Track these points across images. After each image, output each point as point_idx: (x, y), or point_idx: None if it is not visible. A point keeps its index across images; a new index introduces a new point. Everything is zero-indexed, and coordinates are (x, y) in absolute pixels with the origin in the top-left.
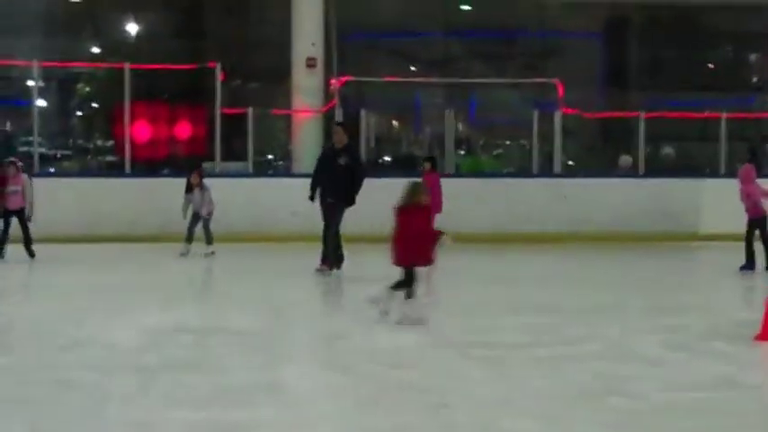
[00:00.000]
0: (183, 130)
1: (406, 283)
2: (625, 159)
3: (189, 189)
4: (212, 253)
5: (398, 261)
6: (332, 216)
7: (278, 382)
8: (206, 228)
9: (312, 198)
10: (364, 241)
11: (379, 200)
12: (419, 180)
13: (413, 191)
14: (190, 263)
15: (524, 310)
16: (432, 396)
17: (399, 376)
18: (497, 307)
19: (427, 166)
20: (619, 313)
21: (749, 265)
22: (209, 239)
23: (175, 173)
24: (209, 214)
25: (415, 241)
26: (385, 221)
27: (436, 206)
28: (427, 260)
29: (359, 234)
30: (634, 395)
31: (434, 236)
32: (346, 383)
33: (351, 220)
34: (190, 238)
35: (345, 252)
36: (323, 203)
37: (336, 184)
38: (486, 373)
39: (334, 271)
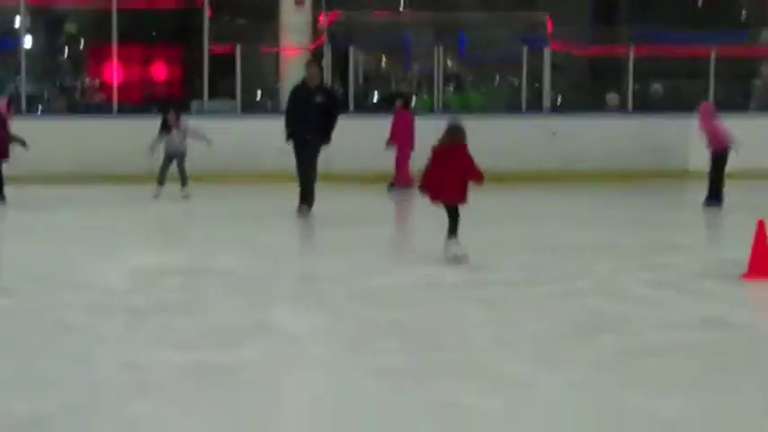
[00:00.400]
0: (160, 71)
1: (451, 220)
2: (612, 97)
3: (165, 129)
4: (187, 195)
5: (439, 198)
6: (313, 155)
7: (265, 324)
8: (182, 169)
9: (290, 137)
10: (353, 180)
11: (367, 137)
12: (457, 119)
13: (452, 131)
14: (174, 204)
15: (515, 248)
16: (424, 337)
17: (390, 317)
18: (491, 246)
19: (399, 103)
20: (610, 251)
21: (716, 200)
22: (184, 181)
23: (160, 112)
24: (183, 155)
25: (453, 180)
26: (372, 159)
27: (409, 144)
28: (464, 198)
29: (347, 172)
30: (625, 333)
31: (476, 175)
32: (335, 324)
33: (338, 158)
34: (162, 180)
35: (330, 190)
36: (300, 143)
37: (314, 122)
38: (478, 312)
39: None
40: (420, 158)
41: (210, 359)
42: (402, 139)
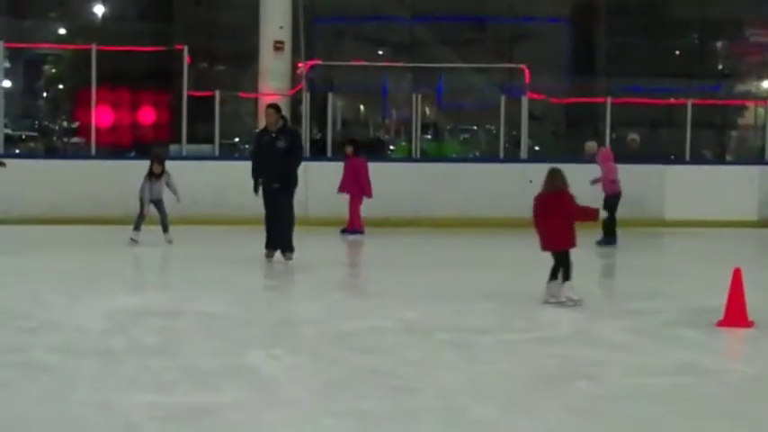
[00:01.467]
0: (147, 115)
1: (562, 266)
2: (590, 146)
3: (152, 176)
4: (171, 240)
5: (548, 246)
6: (283, 201)
7: (244, 366)
8: (163, 214)
9: (256, 189)
10: (330, 224)
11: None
12: (556, 166)
13: (551, 177)
14: (153, 247)
15: (492, 294)
16: (397, 380)
17: (366, 361)
18: (465, 292)
19: (349, 149)
20: (586, 299)
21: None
22: (166, 226)
23: (141, 156)
24: (161, 200)
25: (560, 226)
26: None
27: (360, 191)
28: (572, 242)
29: (325, 217)
30: (599, 380)
31: (580, 215)
32: (313, 367)
33: (315, 203)
34: (139, 226)
35: (307, 235)
36: (265, 191)
37: (278, 168)
38: (453, 357)
39: (289, 262)
40: (382, 202)
41: (187, 401)
42: (352, 186)
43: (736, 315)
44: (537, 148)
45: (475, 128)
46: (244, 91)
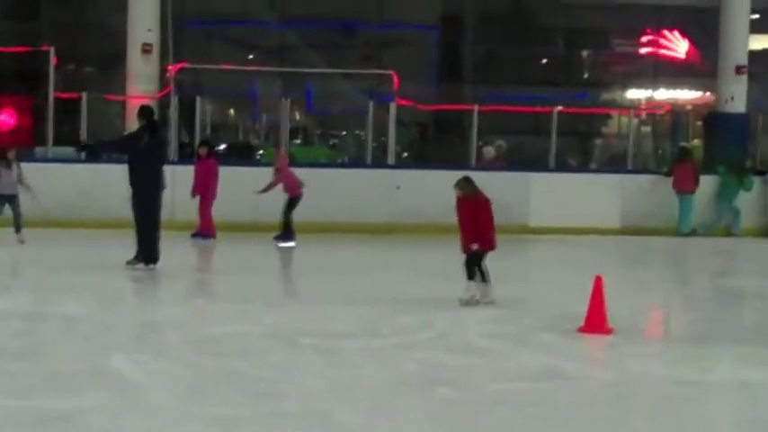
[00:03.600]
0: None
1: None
2: (488, 150)
3: (4, 162)
4: (23, 240)
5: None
6: (155, 204)
7: (106, 371)
8: (17, 213)
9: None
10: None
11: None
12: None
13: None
14: (15, 249)
15: (359, 299)
16: (261, 385)
17: (230, 366)
18: (332, 297)
19: (203, 151)
20: (450, 304)
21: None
22: (19, 225)
23: None
24: (17, 197)
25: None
26: (217, 208)
27: (212, 193)
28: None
29: (191, 221)
30: (461, 386)
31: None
32: (174, 372)
33: (182, 208)
34: (19, 226)
35: (173, 239)
36: (143, 193)
37: (157, 170)
38: (316, 362)
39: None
40: (251, 206)
41: (47, 406)
42: (205, 187)
43: (596, 322)
44: (405, 154)
45: (343, 133)
46: (112, 93)
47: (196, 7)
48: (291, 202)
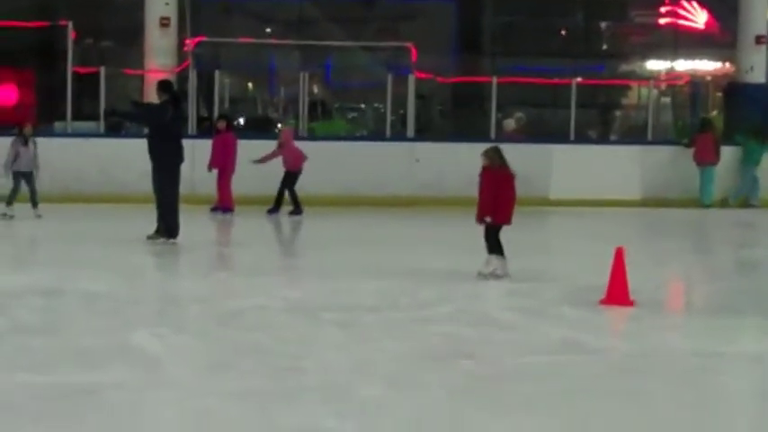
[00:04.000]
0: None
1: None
2: (508, 122)
3: (22, 139)
4: (40, 215)
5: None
6: (177, 178)
7: (128, 346)
8: (33, 188)
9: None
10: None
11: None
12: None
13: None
14: (35, 224)
15: (379, 273)
16: (282, 359)
17: (251, 340)
18: (352, 270)
19: (221, 124)
20: (471, 277)
21: (275, 209)
22: (36, 201)
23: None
24: (33, 174)
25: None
26: (237, 182)
27: (231, 167)
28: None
29: (211, 195)
30: (483, 359)
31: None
32: (197, 346)
33: (203, 181)
34: (12, 200)
35: (194, 213)
36: (165, 166)
37: (179, 143)
38: (338, 336)
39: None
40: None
41: (68, 381)
42: (221, 161)
43: (618, 294)
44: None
45: (362, 106)
46: (130, 68)
47: None
48: (289, 176)
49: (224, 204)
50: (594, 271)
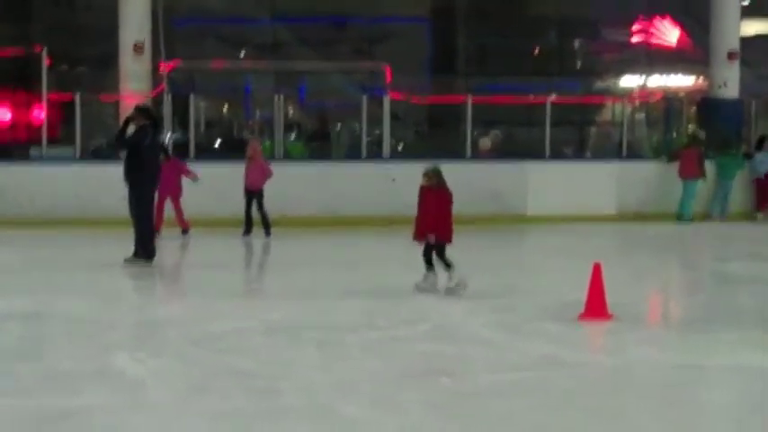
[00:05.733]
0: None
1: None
2: (484, 141)
3: None
4: None
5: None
6: (153, 201)
7: (108, 369)
8: None
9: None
10: (196, 225)
11: (208, 183)
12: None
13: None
14: (15, 249)
15: (357, 292)
16: (264, 381)
17: (231, 362)
18: (330, 290)
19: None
20: (449, 295)
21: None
22: None
23: None
24: None
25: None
26: (214, 204)
27: (175, 191)
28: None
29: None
30: (462, 376)
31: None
32: (176, 369)
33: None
34: None
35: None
36: (144, 190)
37: (157, 168)
38: (318, 356)
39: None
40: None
41: (51, 405)
42: (174, 187)
43: (596, 308)
44: (400, 147)
45: (338, 127)
46: (105, 93)
47: (186, 5)
48: (251, 196)
49: (183, 225)
50: (573, 286)
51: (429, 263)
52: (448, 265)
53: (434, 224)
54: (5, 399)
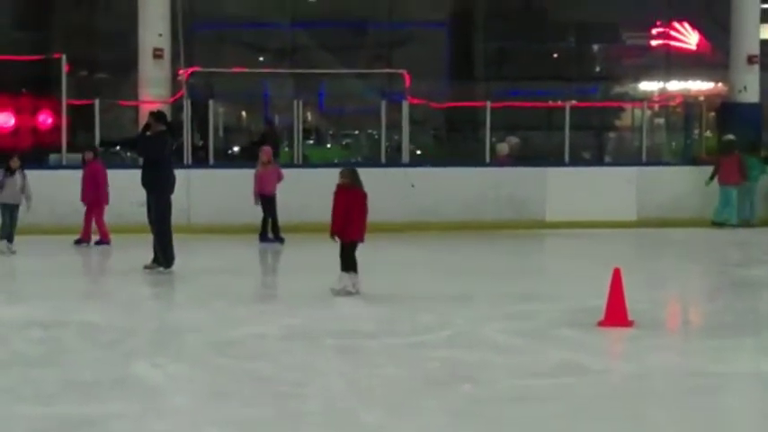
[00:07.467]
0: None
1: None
2: (502, 147)
3: (8, 171)
4: (15, 251)
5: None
6: (170, 207)
7: (128, 376)
8: (15, 221)
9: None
10: (214, 231)
11: (227, 189)
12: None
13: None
14: (31, 257)
15: (376, 299)
16: (284, 387)
17: (250, 368)
18: (347, 297)
19: (89, 155)
20: (468, 301)
21: (264, 236)
22: (12, 235)
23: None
24: (18, 206)
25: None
26: (233, 211)
27: (98, 199)
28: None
29: (208, 224)
30: (482, 382)
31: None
32: (197, 376)
33: (199, 210)
34: (5, 234)
35: (191, 242)
36: (164, 196)
37: (173, 173)
38: (339, 362)
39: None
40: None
41: (69, 412)
42: (91, 194)
43: (616, 315)
44: (419, 152)
45: (356, 133)
46: (124, 99)
47: (206, 11)
48: (265, 202)
49: (103, 237)
50: (592, 292)
51: (344, 265)
52: (351, 268)
53: (342, 225)
54: (26, 406)
